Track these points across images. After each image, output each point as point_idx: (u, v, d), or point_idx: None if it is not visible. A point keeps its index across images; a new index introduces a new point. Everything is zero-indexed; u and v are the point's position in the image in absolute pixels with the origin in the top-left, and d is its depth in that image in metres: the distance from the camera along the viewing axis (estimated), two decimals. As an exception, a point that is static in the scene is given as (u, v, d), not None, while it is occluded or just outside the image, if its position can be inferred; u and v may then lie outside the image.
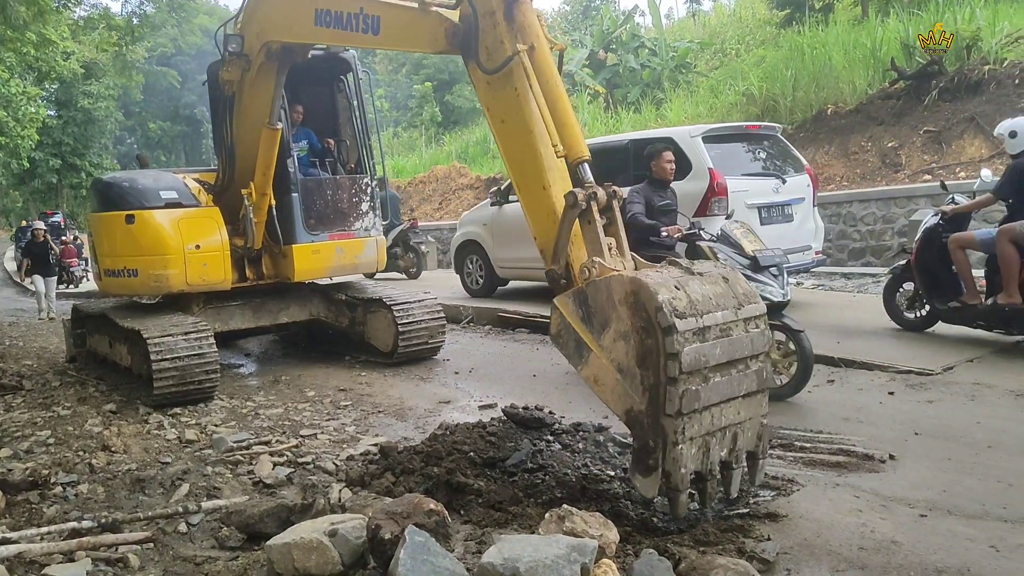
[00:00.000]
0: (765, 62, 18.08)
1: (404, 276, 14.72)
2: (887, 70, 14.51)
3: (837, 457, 4.49)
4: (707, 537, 3.44)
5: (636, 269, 3.82)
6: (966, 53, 13.74)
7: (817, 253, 9.42)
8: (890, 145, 13.73)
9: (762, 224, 8.58)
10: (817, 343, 7.09)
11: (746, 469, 3.67)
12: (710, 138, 8.84)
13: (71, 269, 24.92)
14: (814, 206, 9.46)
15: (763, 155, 9.53)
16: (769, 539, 3.44)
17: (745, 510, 3.78)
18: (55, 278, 15.51)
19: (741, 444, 3.59)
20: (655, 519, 3.70)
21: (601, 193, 3.79)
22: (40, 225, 15.34)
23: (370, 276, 10.04)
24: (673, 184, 7.00)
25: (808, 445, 4.70)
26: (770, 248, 5.96)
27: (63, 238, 31.09)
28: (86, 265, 24.44)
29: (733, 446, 3.56)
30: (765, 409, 3.73)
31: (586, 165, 3.92)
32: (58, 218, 37.07)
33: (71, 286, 23.25)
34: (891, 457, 4.46)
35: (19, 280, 15.63)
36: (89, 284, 23.56)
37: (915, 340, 7.19)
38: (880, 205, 12.40)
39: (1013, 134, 6.92)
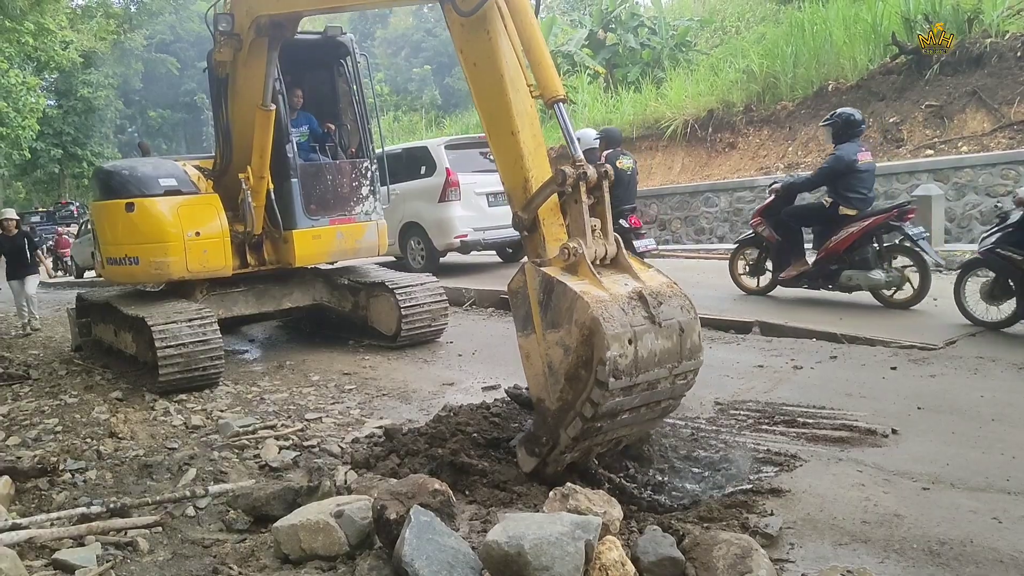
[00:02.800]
0: (765, 39, 17.93)
1: None
2: (888, 45, 14.39)
3: (840, 432, 4.51)
4: (711, 513, 3.47)
5: (617, 255, 3.77)
6: (968, 26, 13.62)
7: None
8: (892, 120, 13.66)
9: (489, 206, 12.03)
10: (818, 319, 7.13)
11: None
12: (451, 146, 12.34)
13: (64, 259, 25.42)
14: None
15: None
16: (772, 514, 3.46)
17: (748, 486, 3.80)
18: (36, 277, 11.94)
19: (622, 444, 3.85)
20: (660, 497, 3.72)
21: (591, 172, 3.74)
22: (11, 215, 11.74)
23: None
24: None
25: (811, 421, 4.72)
26: None
27: (58, 228, 31.34)
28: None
29: (614, 447, 3.81)
30: (658, 424, 3.98)
31: (561, 105, 3.90)
32: (73, 207, 36.95)
33: (67, 275, 23.59)
34: (894, 431, 4.47)
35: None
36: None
37: (918, 316, 7.20)
38: (882, 181, 12.32)
39: (577, 139, 9.36)
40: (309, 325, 9.48)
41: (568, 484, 3.32)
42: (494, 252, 13.42)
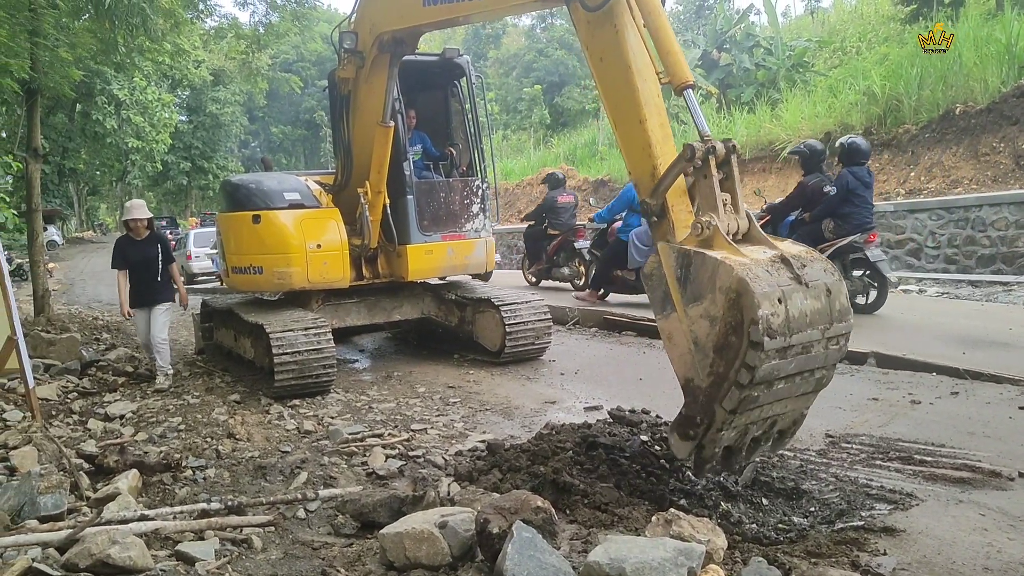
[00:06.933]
0: (888, 60, 17.29)
1: None
2: (1023, 67, 13.66)
3: (961, 472, 4.29)
4: (819, 548, 3.36)
5: (750, 229, 3.72)
6: (1114, 47, 12.80)
7: None
8: (1026, 146, 12.93)
9: None
10: (941, 353, 6.80)
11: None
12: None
13: None
14: None
15: None
16: (885, 554, 3.33)
17: (860, 523, 3.66)
18: (169, 307, 8.07)
19: (777, 427, 3.72)
20: (765, 528, 3.64)
21: (720, 147, 3.69)
22: (140, 213, 7.91)
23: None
24: None
25: (929, 459, 4.51)
26: None
27: (167, 233, 32.82)
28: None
29: (769, 429, 3.69)
30: (811, 402, 3.82)
31: (691, 92, 3.87)
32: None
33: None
34: (1021, 475, 4.22)
35: (125, 315, 7.95)
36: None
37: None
38: (1013, 209, 11.68)
39: None
40: (416, 338, 9.71)
41: (671, 510, 3.29)
42: None
